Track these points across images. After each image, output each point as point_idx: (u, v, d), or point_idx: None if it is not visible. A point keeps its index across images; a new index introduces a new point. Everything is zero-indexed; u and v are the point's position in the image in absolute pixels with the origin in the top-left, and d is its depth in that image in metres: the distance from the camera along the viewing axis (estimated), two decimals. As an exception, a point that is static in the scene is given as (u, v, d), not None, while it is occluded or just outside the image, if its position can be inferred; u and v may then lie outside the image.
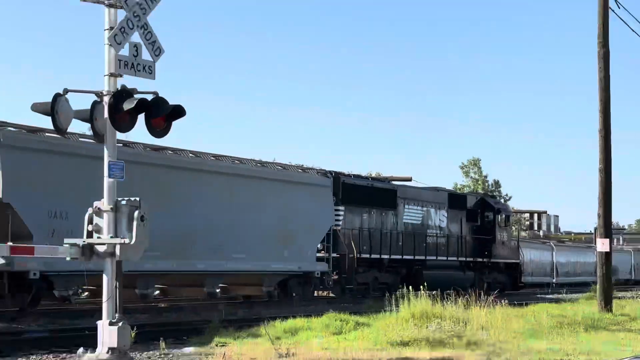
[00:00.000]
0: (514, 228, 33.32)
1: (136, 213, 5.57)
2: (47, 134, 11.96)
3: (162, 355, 7.17)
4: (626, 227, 62.65)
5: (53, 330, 10.27)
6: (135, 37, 5.81)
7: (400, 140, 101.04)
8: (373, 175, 30.16)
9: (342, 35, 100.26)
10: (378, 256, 19.93)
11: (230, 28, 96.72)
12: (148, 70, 5.84)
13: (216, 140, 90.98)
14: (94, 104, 5.74)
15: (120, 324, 5.56)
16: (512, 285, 26.19)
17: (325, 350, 7.08)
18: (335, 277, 18.63)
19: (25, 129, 12.55)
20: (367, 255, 19.48)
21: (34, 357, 7.19)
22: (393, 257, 20.53)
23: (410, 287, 14.89)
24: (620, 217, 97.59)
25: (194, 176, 14.77)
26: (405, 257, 20.94)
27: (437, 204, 23.05)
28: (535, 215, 40.10)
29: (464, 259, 23.29)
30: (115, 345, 5.49)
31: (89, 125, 6.11)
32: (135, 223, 5.54)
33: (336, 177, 19.35)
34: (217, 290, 15.56)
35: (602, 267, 13.03)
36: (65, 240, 5.65)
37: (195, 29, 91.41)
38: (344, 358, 6.52)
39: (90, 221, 5.71)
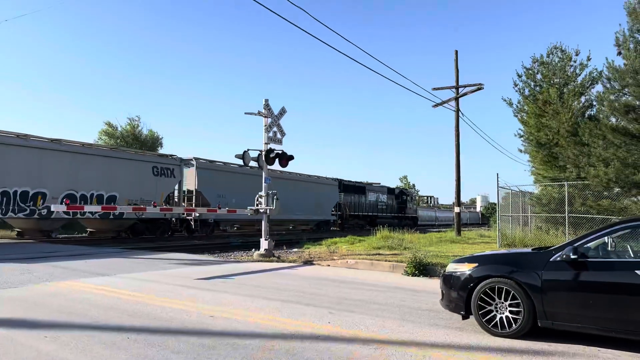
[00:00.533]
0: (419, 202, 72.30)
1: (275, 197, 14.80)
2: (217, 162, 26.29)
3: (285, 251, 16.39)
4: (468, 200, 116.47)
5: (243, 242, 20.80)
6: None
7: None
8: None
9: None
10: (357, 213, 42.35)
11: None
12: (279, 142, 15.06)
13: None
14: (259, 154, 15.04)
15: (268, 239, 14.84)
16: (414, 225, 51.27)
17: (347, 250, 16.15)
18: (340, 222, 40.18)
19: (206, 160, 27.12)
20: (353, 213, 41.78)
21: (236, 252, 16.72)
22: (364, 213, 43.49)
23: (373, 226, 35.97)
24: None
25: (285, 182, 30.69)
26: (369, 214, 44.21)
27: (381, 193, 47.87)
28: (429, 198, 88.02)
29: (394, 214, 49.09)
30: (267, 247, 14.76)
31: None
32: (275, 201, 14.76)
33: (340, 181, 40.50)
34: (291, 227, 36.38)
35: (456, 217, 26.94)
36: (248, 207, 15.10)
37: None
38: (354, 252, 15.45)
39: (258, 199, 15.04)
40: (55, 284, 8.43)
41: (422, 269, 10.48)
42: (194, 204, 25.36)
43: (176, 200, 26.05)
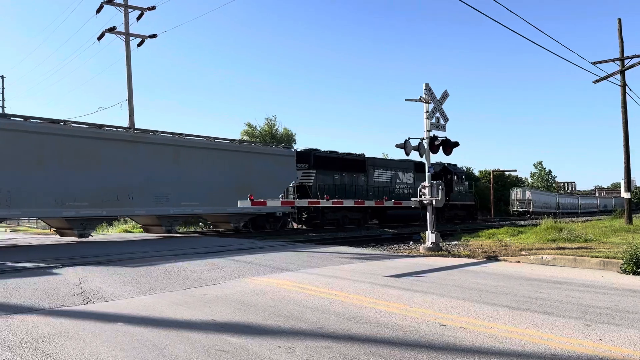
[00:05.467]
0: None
1: (440, 187, 13.72)
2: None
3: (446, 244, 15.30)
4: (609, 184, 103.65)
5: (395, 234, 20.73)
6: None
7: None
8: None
9: None
10: (348, 203, 25.72)
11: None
12: (442, 129, 13.91)
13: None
14: (420, 142, 14.05)
15: (435, 232, 13.82)
16: (470, 218, 38.97)
17: (516, 242, 14.52)
18: (305, 216, 27.15)
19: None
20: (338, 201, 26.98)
21: (392, 245, 16.01)
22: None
23: (377, 220, 32.80)
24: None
25: (172, 150, 20.52)
26: (372, 203, 26.84)
27: (402, 170, 33.73)
28: (567, 184, 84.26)
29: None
30: (434, 240, 13.75)
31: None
32: (440, 191, 13.69)
33: (307, 151, 27.56)
34: (178, 229, 22.64)
35: (627, 204, 24.85)
36: (412, 199, 14.20)
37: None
38: (531, 245, 13.75)
39: (421, 189, 14.09)
40: (250, 280, 8.31)
41: (646, 266, 8.72)
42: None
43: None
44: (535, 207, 62.69)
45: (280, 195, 23.77)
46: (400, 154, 58.42)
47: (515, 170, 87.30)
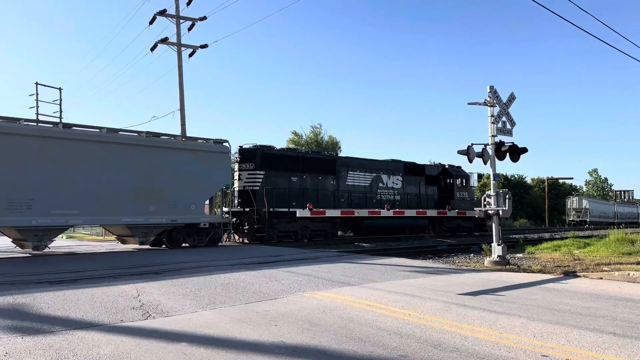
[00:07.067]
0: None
1: (507, 196, 12.82)
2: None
3: (511, 257, 14.34)
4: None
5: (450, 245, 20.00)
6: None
7: None
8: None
9: None
10: (300, 210, 23.24)
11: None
12: (509, 133, 13.05)
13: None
14: (483, 148, 13.21)
15: (502, 244, 12.91)
16: (478, 229, 32.55)
17: (589, 255, 13.60)
18: (246, 227, 22.41)
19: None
20: (286, 210, 22.95)
21: (452, 257, 15.18)
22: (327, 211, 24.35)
23: (358, 234, 26.30)
24: None
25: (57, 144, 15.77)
26: (340, 214, 24.84)
27: (388, 172, 28.30)
28: (623, 192, 78.68)
29: (422, 209, 28.89)
30: (500, 253, 12.84)
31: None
32: (507, 201, 12.79)
33: (253, 149, 23.32)
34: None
35: None
36: (476, 209, 13.35)
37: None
38: (601, 258, 12.62)
39: (485, 199, 13.22)
40: (312, 295, 7.81)
41: None
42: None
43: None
44: (592, 217, 59.79)
45: (205, 203, 19.35)
46: (383, 155, 54.95)
47: (572, 178, 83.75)
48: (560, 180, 78.25)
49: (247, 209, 22.25)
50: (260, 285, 8.80)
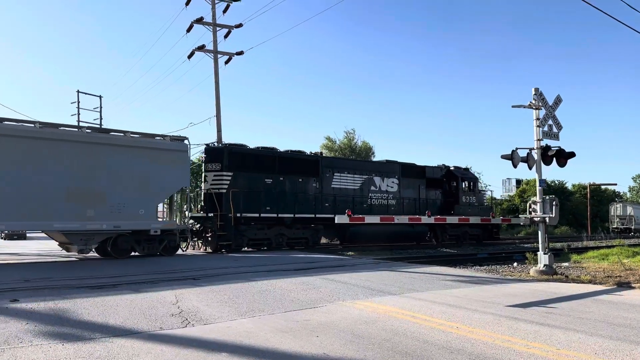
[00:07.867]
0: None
1: (554, 202, 12.25)
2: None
3: (557, 266, 13.69)
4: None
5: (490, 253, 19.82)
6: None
7: None
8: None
9: None
10: (275, 215, 20.77)
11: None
12: (555, 137, 12.50)
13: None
14: (528, 153, 12.69)
15: (548, 253, 12.34)
16: (488, 236, 29.34)
17: (639, 265, 13.01)
18: (203, 234, 19.92)
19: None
20: (256, 215, 20.27)
21: (493, 265, 14.65)
22: (300, 215, 21.58)
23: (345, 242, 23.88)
24: None
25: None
26: (318, 215, 22.27)
27: (381, 174, 25.53)
28: None
29: (422, 214, 25.61)
30: (547, 262, 12.27)
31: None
32: (554, 207, 12.22)
33: (219, 147, 20.97)
34: None
35: None
36: (522, 216, 12.81)
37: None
38: None
39: (532, 205, 12.67)
40: (352, 305, 7.56)
41: None
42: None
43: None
44: (638, 224, 57.25)
45: (157, 206, 17.20)
46: (378, 157, 51.46)
47: (615, 184, 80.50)
48: (603, 187, 75.37)
49: (212, 214, 19.58)
50: (297, 293, 8.61)
